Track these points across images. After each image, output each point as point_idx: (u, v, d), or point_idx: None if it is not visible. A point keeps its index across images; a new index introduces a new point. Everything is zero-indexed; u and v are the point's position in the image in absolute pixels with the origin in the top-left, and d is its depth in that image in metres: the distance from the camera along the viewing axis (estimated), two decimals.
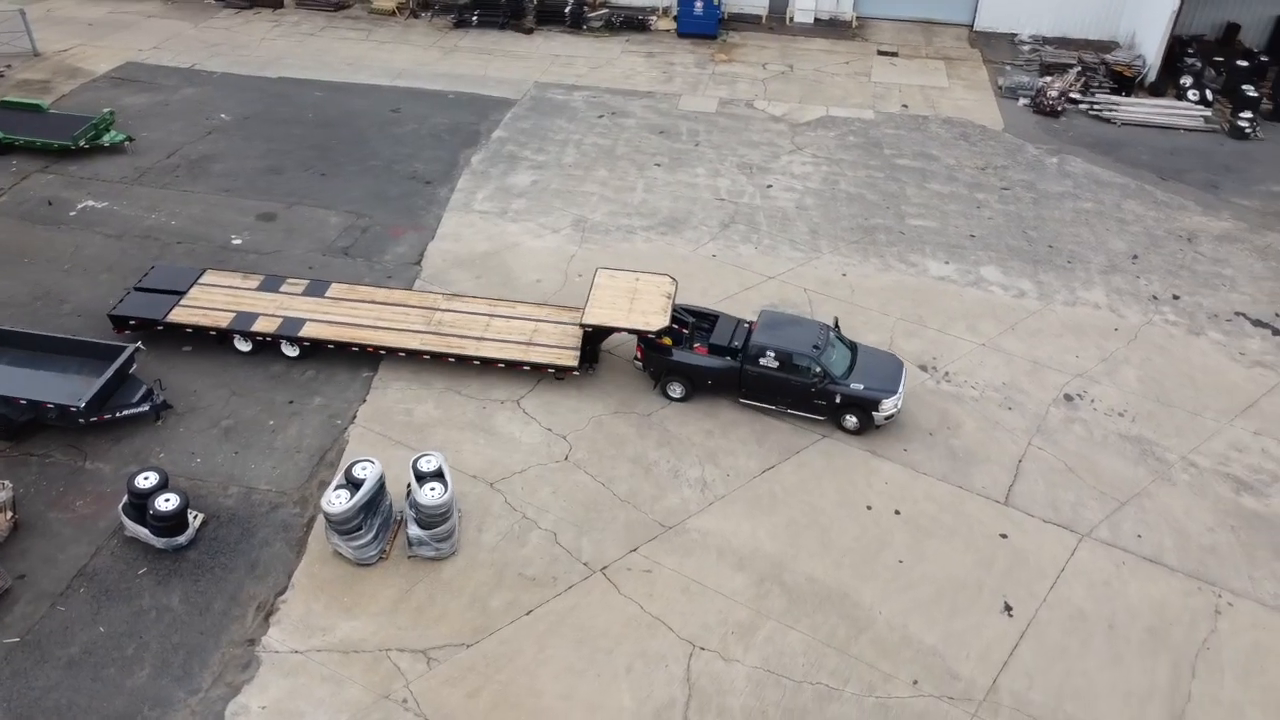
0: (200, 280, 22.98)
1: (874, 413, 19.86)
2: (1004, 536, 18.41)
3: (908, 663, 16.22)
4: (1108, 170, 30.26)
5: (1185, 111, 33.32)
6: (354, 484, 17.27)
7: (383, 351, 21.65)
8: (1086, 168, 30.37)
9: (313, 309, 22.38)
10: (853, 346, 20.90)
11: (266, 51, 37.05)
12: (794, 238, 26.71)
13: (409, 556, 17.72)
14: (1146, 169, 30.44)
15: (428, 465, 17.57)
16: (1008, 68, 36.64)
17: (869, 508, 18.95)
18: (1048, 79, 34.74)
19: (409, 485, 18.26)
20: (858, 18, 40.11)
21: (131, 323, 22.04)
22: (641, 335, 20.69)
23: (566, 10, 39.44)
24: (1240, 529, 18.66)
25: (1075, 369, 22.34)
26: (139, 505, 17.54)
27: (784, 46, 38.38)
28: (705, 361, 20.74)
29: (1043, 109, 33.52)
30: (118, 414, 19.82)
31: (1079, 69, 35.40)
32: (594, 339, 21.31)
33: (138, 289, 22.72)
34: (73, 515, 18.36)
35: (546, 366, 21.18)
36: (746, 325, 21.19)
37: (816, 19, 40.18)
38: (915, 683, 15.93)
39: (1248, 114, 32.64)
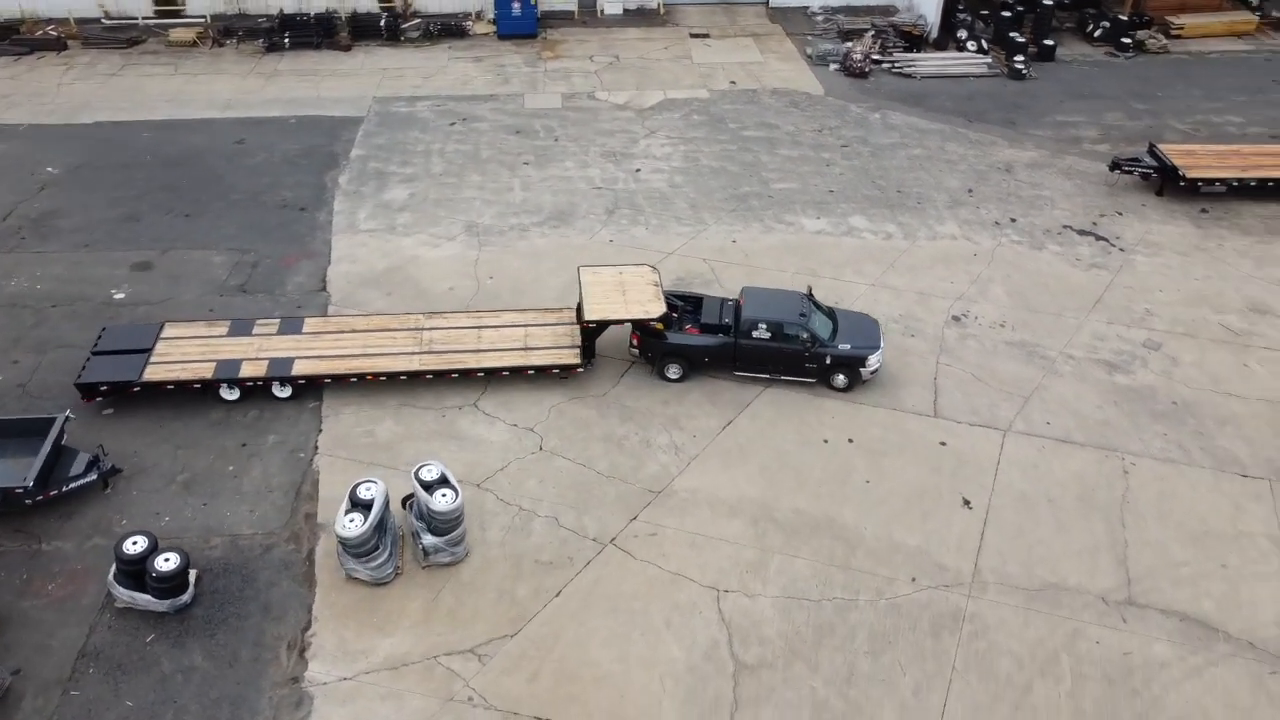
0: (163, 335, 21.91)
1: (861, 369, 21.68)
2: (943, 444, 20.87)
3: (902, 565, 18.27)
4: (923, 119, 33.84)
5: (970, 61, 37.62)
6: (362, 506, 17.35)
7: (383, 378, 21.47)
8: (905, 119, 33.82)
9: (296, 347, 21.90)
10: (831, 311, 22.62)
11: (69, 97, 34.56)
12: (678, 214, 28.34)
13: (424, 566, 17.97)
14: (954, 114, 34.27)
15: (430, 474, 17.86)
16: (810, 38, 39.88)
17: (825, 441, 20.91)
18: (849, 44, 38.18)
19: (406, 499, 18.57)
20: (664, 4, 42.21)
21: (103, 388, 20.79)
22: (643, 324, 21.56)
23: (381, 24, 39.13)
24: (1121, 402, 22.03)
25: (954, 293, 25.28)
26: (133, 571, 16.82)
27: (603, 38, 39.86)
28: (701, 340, 21.94)
29: (852, 71, 36.84)
30: (64, 488, 18.69)
31: (873, 32, 39.07)
32: (593, 334, 21.97)
33: (96, 354, 21.36)
34: (49, 599, 17.28)
35: (551, 368, 21.74)
36: (732, 303, 22.46)
37: (625, 9, 41.94)
38: (914, 580, 18.00)
39: (1020, 57, 37.29)
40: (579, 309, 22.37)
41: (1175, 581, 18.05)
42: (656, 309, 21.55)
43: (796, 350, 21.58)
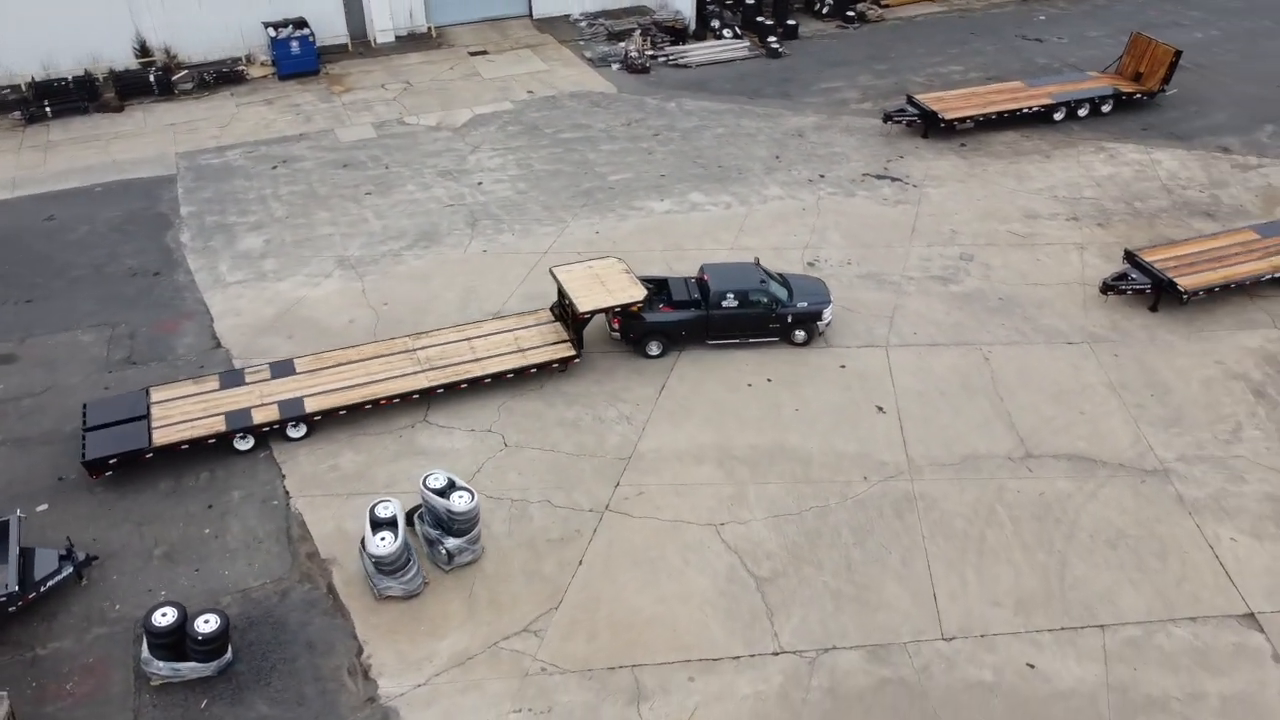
0: (154, 400, 21.30)
1: (817, 323, 24.41)
2: (843, 367, 24.15)
3: (851, 469, 21.26)
4: (712, 102, 37.36)
5: (732, 46, 41.68)
6: (386, 524, 17.91)
7: (396, 400, 21.87)
8: (697, 104, 37.19)
9: (298, 386, 22.02)
10: (781, 276, 24.99)
11: None
12: (536, 217, 29.93)
13: (447, 570, 18.76)
14: (736, 94, 38.06)
15: (438, 481, 18.67)
16: (583, 42, 42.44)
17: (749, 385, 23.56)
18: (623, 44, 41.13)
19: (412, 513, 19.21)
20: (434, 28, 43.15)
21: (113, 461, 19.99)
22: (628, 308, 23.12)
23: (151, 79, 37.38)
24: (961, 306, 26.32)
25: (800, 244, 28.76)
26: (168, 643, 16.44)
27: (386, 67, 40.29)
28: (676, 316, 23.86)
29: (634, 68, 39.78)
30: (42, 589, 17.69)
31: (639, 31, 42.25)
32: (582, 325, 23.18)
33: (90, 430, 20.48)
34: (74, 699, 16.53)
35: (550, 363, 23.03)
36: (695, 280, 24.50)
37: (397, 36, 42.48)
38: (865, 478, 21.05)
39: (773, 38, 41.85)
40: (561, 305, 23.82)
41: (1054, 432, 22.30)
42: (639, 293, 23.33)
43: (762, 313, 24.06)
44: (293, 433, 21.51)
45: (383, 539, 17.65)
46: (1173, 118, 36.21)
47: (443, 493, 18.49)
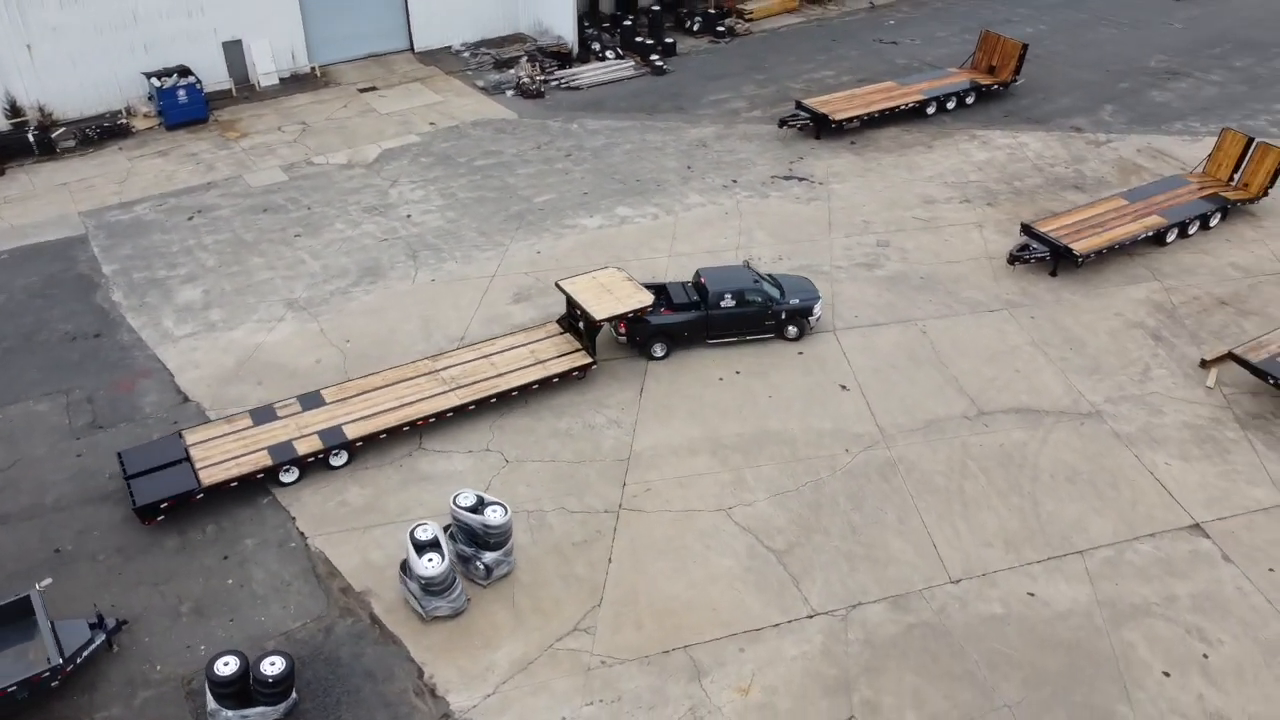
0: (190, 442, 21.58)
1: (809, 318, 25.97)
2: (800, 353, 25.91)
3: (832, 444, 22.97)
4: (613, 120, 38.76)
5: (618, 67, 43.24)
6: (429, 545, 18.30)
7: (432, 420, 22.34)
8: (599, 123, 38.51)
9: (333, 416, 22.41)
10: (771, 276, 26.51)
11: None
12: (474, 244, 30.48)
13: (485, 585, 19.27)
14: (634, 111, 39.60)
15: (467, 500, 19.17)
16: (469, 72, 43.07)
17: (720, 379, 24.99)
18: (513, 71, 42.03)
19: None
20: (317, 67, 42.79)
21: (164, 505, 19.92)
22: (639, 313, 24.25)
23: (30, 139, 35.65)
24: (890, 288, 28.60)
25: (731, 245, 30.47)
26: (235, 691, 16.34)
27: (277, 109, 39.74)
28: (678, 318, 25.13)
29: (529, 94, 40.75)
30: (79, 659, 17.18)
31: (526, 58, 43.24)
32: (594, 333, 24.16)
33: (132, 477, 20.33)
34: None
35: (570, 371, 24.03)
36: (691, 284, 25.82)
37: (281, 78, 41.91)
38: (847, 450, 22.81)
39: (655, 56, 43.67)
40: (571, 316, 24.90)
41: (997, 390, 24.71)
42: (646, 298, 24.55)
43: (758, 312, 25.52)
44: (335, 461, 21.86)
45: (430, 560, 18.05)
46: (1026, 104, 40.09)
47: (475, 509, 19.01)
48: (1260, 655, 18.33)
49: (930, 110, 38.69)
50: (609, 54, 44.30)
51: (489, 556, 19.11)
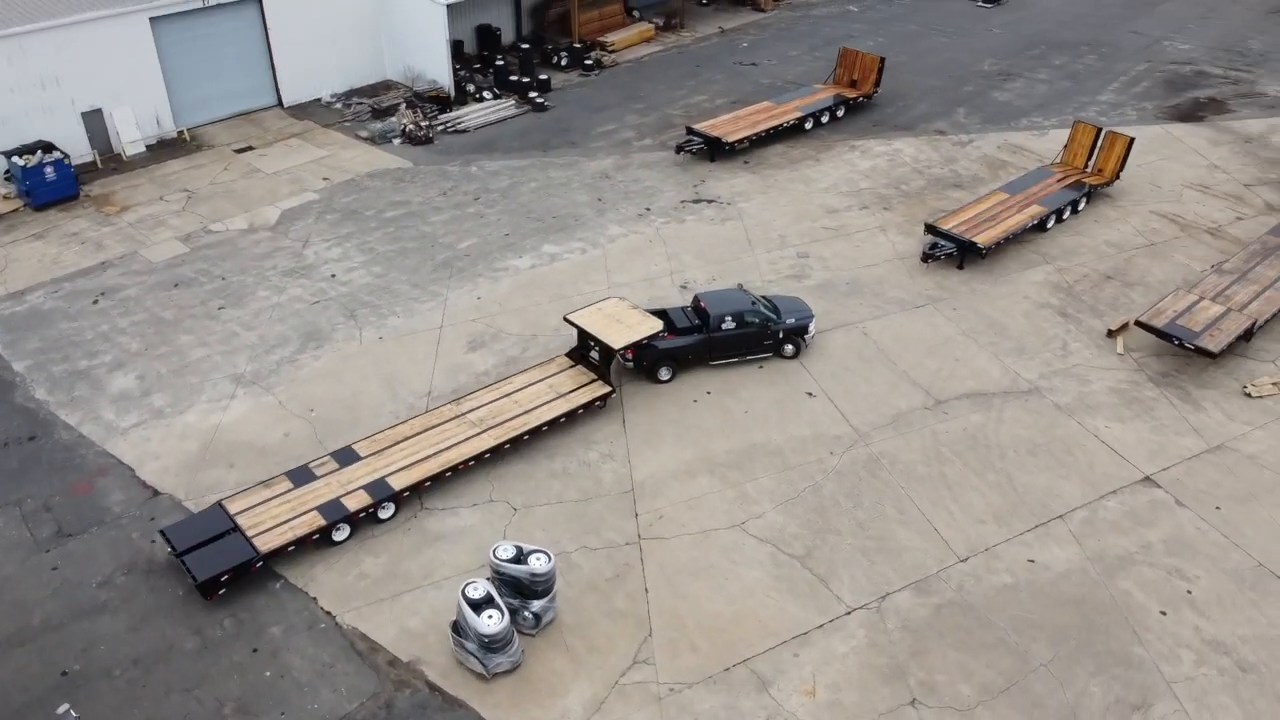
0: (235, 511, 21.12)
1: (804, 336, 27.08)
2: (760, 366, 27.09)
3: (817, 448, 24.23)
4: (511, 159, 38.98)
5: (500, 106, 43.46)
6: (485, 602, 18.17)
7: (471, 463, 22.84)
8: (497, 164, 38.65)
9: (374, 469, 22.36)
10: (766, 297, 27.47)
11: None
12: (411, 296, 30.07)
13: (533, 634, 19.30)
14: (529, 149, 39.94)
15: (506, 552, 19.13)
16: (348, 124, 42.23)
17: (695, 401, 25.82)
18: (393, 119, 41.55)
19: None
20: (185, 131, 40.82)
21: (225, 578, 19.43)
22: (652, 339, 25.23)
23: None
24: (822, 295, 30.22)
25: (664, 271, 31.40)
26: None
27: (151, 178, 37.67)
28: (682, 342, 26.15)
29: (417, 140, 40.39)
30: None
31: (405, 105, 42.81)
32: (608, 362, 25.22)
33: (184, 554, 19.83)
34: None
35: (593, 402, 24.70)
36: (691, 308, 26.78)
37: (148, 146, 39.75)
38: (832, 453, 24.11)
39: (535, 93, 44.17)
40: (583, 347, 25.73)
41: (946, 379, 26.69)
42: (656, 323, 25.13)
43: (757, 332, 26.52)
44: (382, 514, 21.80)
45: (490, 617, 17.96)
46: (890, 113, 43.11)
47: (518, 560, 19.03)
48: (1232, 584, 20.77)
49: (808, 125, 40.99)
50: (486, 94, 44.46)
51: (537, 605, 19.16)
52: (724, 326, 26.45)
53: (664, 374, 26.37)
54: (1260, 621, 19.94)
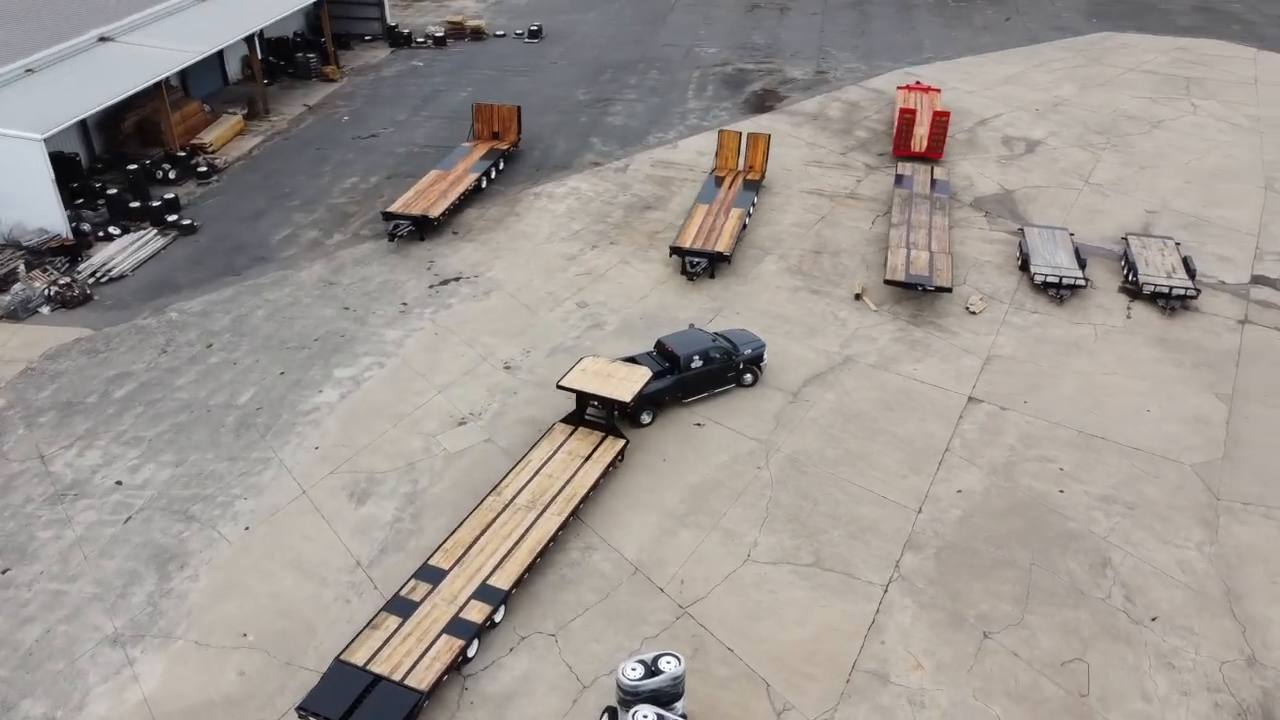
0: (362, 661, 19.93)
1: (760, 365, 29.47)
2: (699, 424, 28.23)
3: (745, 467, 26.31)
4: (207, 294, 34.25)
5: (144, 238, 37.51)
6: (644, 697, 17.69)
7: (550, 543, 23.19)
8: (198, 302, 33.71)
9: (469, 576, 22.03)
10: (719, 334, 29.57)
11: None
12: (239, 472, 25.97)
13: None
14: (216, 278, 35.29)
15: (636, 671, 18.61)
16: None
17: (664, 460, 26.33)
18: (19, 287, 34.13)
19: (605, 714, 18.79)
20: None
21: None
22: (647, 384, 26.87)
23: None
24: (628, 336, 31.89)
25: (476, 357, 30.67)
26: None
27: None
28: (660, 384, 27.80)
29: (73, 302, 33.62)
30: None
31: (24, 266, 35.21)
32: (620, 416, 26.98)
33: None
34: None
35: (616, 458, 25.77)
36: (656, 353, 28.83)
37: None
38: (759, 468, 26.34)
39: (172, 216, 38.86)
40: (583, 409, 26.90)
41: (783, 373, 30.16)
42: (645, 371, 26.95)
43: (722, 366, 28.25)
44: (496, 617, 21.66)
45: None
46: (539, 156, 45.29)
47: (653, 672, 18.68)
48: (1078, 453, 27.07)
49: (484, 184, 41.70)
50: (114, 230, 38.21)
51: (680, 706, 19.01)
52: (693, 365, 28.08)
53: (645, 418, 27.69)
54: (1115, 472, 26.39)
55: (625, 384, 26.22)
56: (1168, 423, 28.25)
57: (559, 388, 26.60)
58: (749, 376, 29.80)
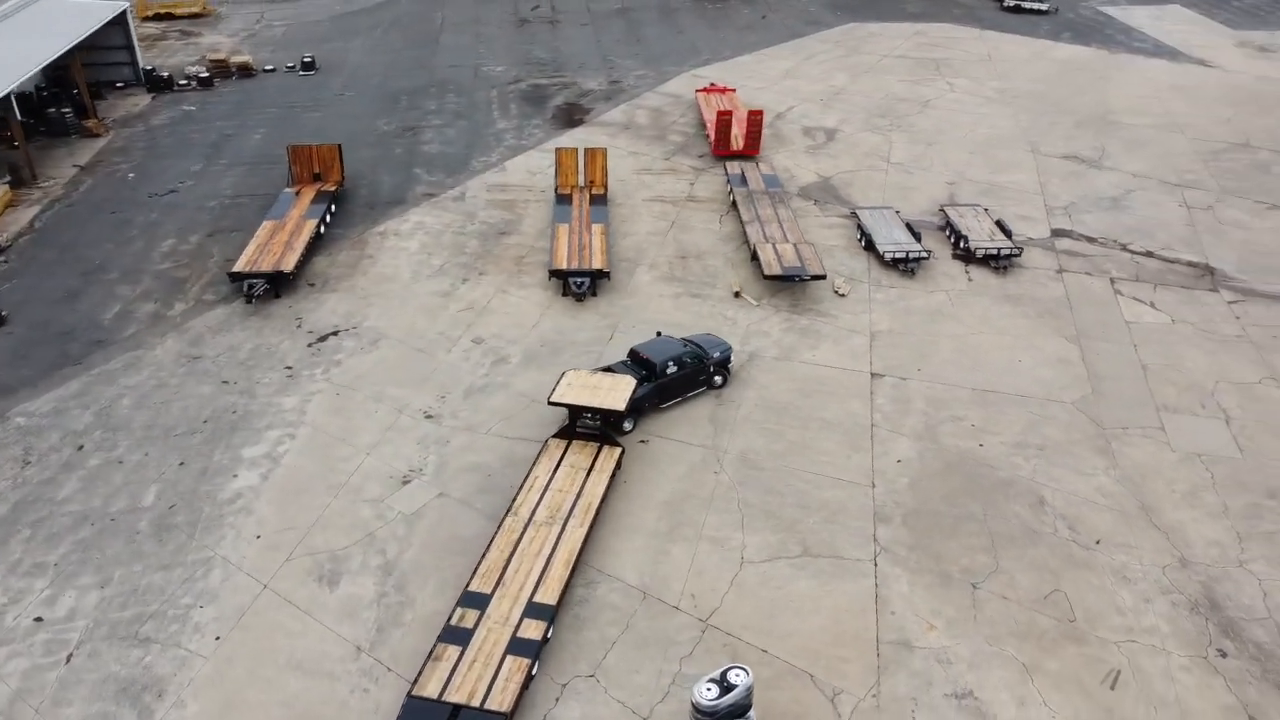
0: (433, 692, 19.82)
1: (729, 366, 30.61)
2: (645, 441, 28.18)
3: (702, 475, 27.02)
4: (56, 390, 30.24)
5: None
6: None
7: (579, 554, 23.70)
8: (46, 400, 29.68)
9: (513, 597, 22.21)
10: (685, 338, 30.62)
11: None
12: (183, 580, 23.41)
13: None
14: (54, 370, 31.21)
15: (711, 691, 18.92)
16: None
17: (624, 482, 26.06)
18: None
19: None
20: None
21: None
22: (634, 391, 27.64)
23: None
24: (540, 363, 31.62)
25: (390, 414, 29.29)
26: None
27: None
28: (641, 391, 28.32)
29: None
30: None
31: None
32: (614, 424, 27.66)
33: None
34: None
35: (616, 469, 26.34)
36: (631, 362, 29.49)
37: None
38: (715, 472, 27.12)
39: None
40: (576, 421, 27.46)
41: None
42: (630, 380, 27.77)
43: (695, 371, 29.20)
44: (549, 634, 21.79)
45: None
46: (368, 193, 43.48)
47: (726, 689, 19.03)
48: (975, 407, 29.96)
49: (321, 230, 39.50)
50: None
51: (752, 715, 19.47)
52: (669, 371, 28.88)
53: (627, 425, 28.21)
54: (1016, 420, 29.46)
55: (613, 393, 27.06)
56: (1039, 368, 31.93)
57: (550, 404, 27.21)
58: (719, 379, 30.60)
